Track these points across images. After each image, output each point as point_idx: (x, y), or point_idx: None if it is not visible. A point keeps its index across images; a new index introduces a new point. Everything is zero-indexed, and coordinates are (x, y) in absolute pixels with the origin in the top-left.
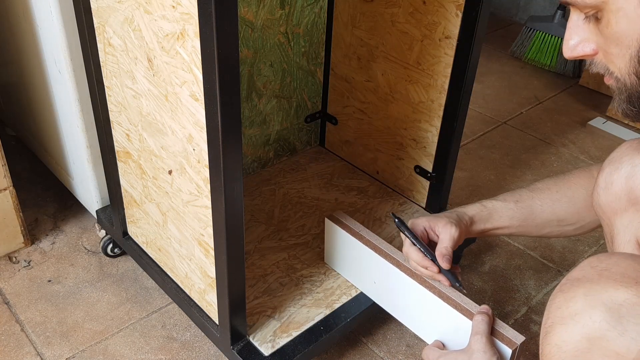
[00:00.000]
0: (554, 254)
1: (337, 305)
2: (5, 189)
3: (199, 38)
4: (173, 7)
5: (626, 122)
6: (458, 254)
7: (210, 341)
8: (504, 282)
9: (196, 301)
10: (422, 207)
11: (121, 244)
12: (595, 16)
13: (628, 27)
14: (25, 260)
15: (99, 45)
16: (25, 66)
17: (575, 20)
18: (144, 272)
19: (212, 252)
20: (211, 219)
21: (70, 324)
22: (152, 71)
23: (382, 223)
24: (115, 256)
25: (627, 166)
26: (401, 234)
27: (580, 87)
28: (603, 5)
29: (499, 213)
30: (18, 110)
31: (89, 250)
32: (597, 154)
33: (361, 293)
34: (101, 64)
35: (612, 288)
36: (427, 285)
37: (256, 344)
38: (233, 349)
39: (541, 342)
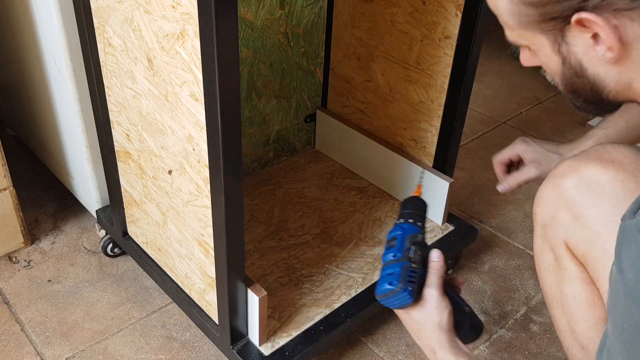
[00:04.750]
0: None
1: (336, 305)
2: (5, 189)
3: (199, 38)
4: (173, 7)
5: None
6: (457, 254)
7: (210, 341)
8: (504, 282)
9: (196, 301)
10: None
11: (121, 243)
12: (529, 47)
13: (548, 60)
14: (25, 260)
15: (99, 45)
16: (25, 66)
17: None
18: (144, 272)
19: (212, 252)
20: (211, 219)
21: (70, 323)
22: (152, 71)
23: (382, 223)
24: (115, 256)
25: None
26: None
27: None
28: (529, 45)
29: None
30: (18, 110)
31: (89, 250)
32: None
33: (361, 293)
34: (101, 64)
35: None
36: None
37: (256, 343)
38: (233, 348)
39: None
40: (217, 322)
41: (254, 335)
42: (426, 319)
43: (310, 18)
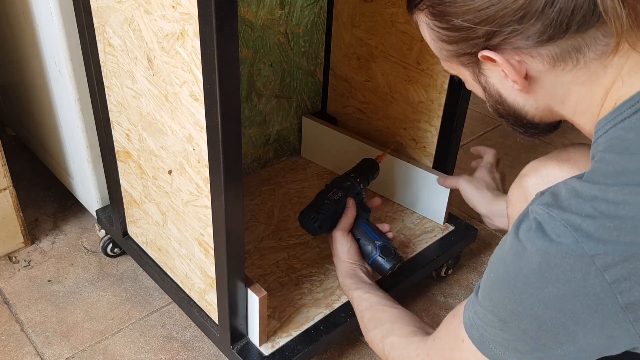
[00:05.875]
0: None
1: (337, 305)
2: (5, 189)
3: (198, 38)
4: (173, 7)
5: None
6: (457, 254)
7: (210, 341)
8: None
9: (196, 301)
10: None
11: (121, 243)
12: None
13: (474, 89)
14: (25, 260)
15: (99, 45)
16: (25, 66)
17: None
18: (144, 272)
19: (212, 252)
20: (211, 218)
21: (70, 323)
22: (152, 71)
23: (382, 223)
24: (115, 256)
25: None
26: None
27: None
28: (457, 75)
29: None
30: (18, 110)
31: (89, 250)
32: None
33: None
34: (101, 64)
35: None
36: None
37: (256, 343)
38: (233, 348)
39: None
40: (217, 322)
41: (254, 335)
42: (335, 253)
43: (310, 18)
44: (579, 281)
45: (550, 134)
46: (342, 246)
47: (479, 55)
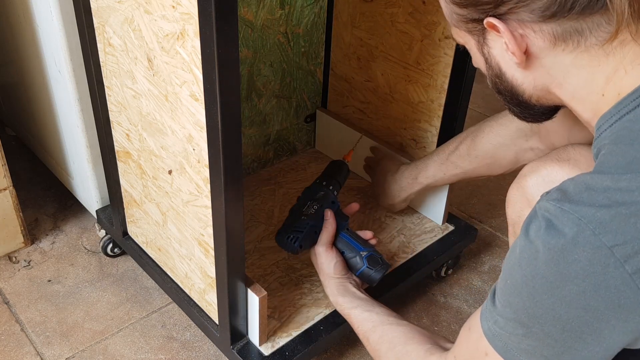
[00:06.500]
0: None
1: None
2: (5, 189)
3: (199, 38)
4: (173, 7)
5: None
6: (457, 254)
7: (210, 341)
8: None
9: (196, 301)
10: None
11: (121, 243)
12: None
13: (477, 60)
14: (25, 260)
15: (99, 45)
16: (25, 66)
17: None
18: (144, 272)
19: (212, 252)
20: (211, 218)
21: (70, 323)
22: (152, 71)
23: (382, 223)
24: (115, 256)
25: None
26: None
27: None
28: (464, 43)
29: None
30: (18, 110)
31: (89, 250)
32: None
33: None
34: (101, 64)
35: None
36: None
37: (256, 343)
38: (233, 348)
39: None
40: (217, 322)
41: (254, 335)
42: (320, 270)
43: (310, 18)
44: (599, 275)
45: (544, 120)
46: (328, 262)
47: (485, 22)
